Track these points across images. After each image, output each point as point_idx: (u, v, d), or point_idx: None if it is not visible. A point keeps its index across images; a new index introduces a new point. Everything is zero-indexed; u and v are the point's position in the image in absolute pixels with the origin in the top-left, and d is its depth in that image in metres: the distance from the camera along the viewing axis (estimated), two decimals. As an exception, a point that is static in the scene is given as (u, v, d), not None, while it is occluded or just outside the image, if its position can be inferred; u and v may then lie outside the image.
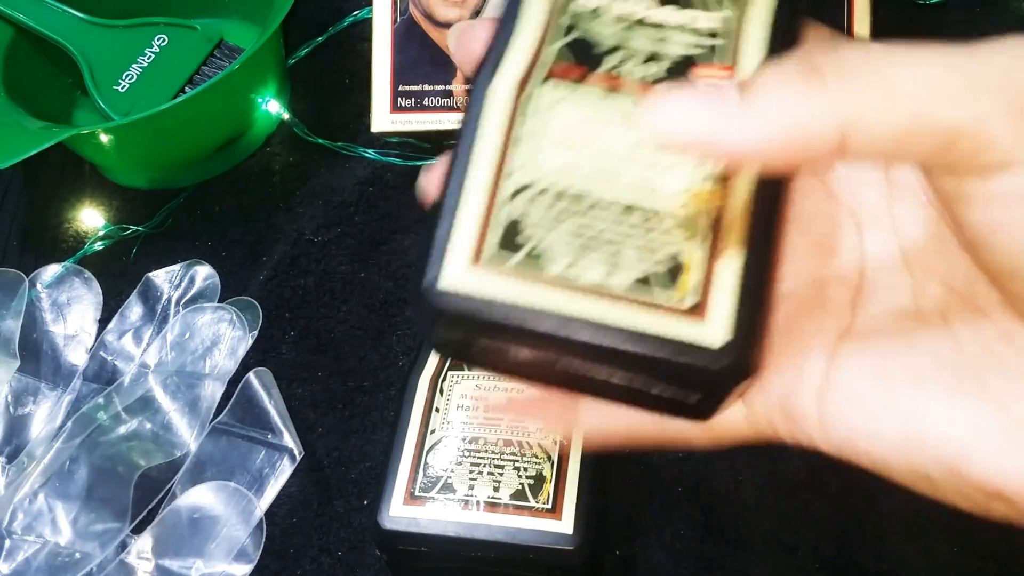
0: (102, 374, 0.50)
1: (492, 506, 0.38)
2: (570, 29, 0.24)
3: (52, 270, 0.53)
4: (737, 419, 0.24)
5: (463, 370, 0.41)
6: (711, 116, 0.19)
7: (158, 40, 0.56)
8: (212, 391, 0.48)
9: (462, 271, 0.22)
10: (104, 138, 0.50)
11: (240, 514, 0.44)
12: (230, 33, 0.57)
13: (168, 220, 0.54)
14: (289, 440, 0.46)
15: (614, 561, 0.42)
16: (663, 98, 0.20)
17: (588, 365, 0.23)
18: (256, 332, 0.49)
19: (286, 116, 0.55)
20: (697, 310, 0.22)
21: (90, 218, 0.55)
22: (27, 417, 0.49)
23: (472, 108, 0.24)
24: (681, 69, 0.23)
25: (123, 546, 0.44)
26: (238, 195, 0.55)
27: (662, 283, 0.22)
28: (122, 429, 0.47)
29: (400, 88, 0.46)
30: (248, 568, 0.43)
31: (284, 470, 0.46)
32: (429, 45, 0.46)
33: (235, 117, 0.53)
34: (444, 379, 0.41)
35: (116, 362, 0.50)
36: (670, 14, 0.24)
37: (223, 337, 0.49)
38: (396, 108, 0.46)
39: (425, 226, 0.23)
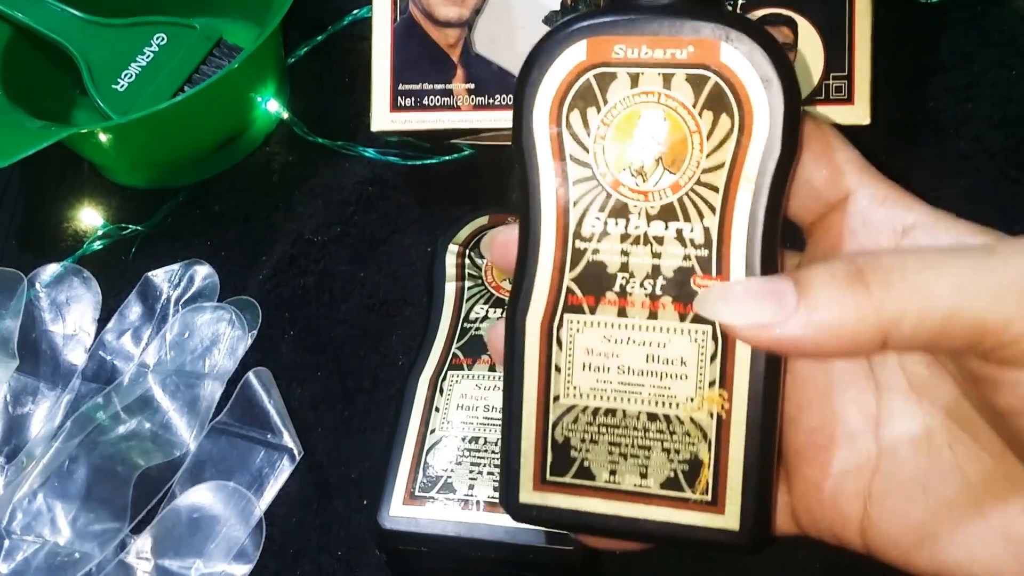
0: (101, 373, 0.49)
1: (492, 506, 0.38)
2: (579, 256, 0.28)
3: (51, 269, 0.53)
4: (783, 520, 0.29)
5: (463, 369, 0.41)
6: (773, 310, 0.24)
7: (157, 39, 0.56)
8: (211, 391, 0.47)
9: (531, 491, 0.28)
10: (102, 137, 0.50)
11: (239, 514, 0.44)
12: (229, 32, 0.57)
13: (167, 219, 0.54)
14: (289, 440, 0.46)
15: (615, 560, 0.42)
16: (733, 291, 0.25)
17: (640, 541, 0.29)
18: (255, 331, 0.49)
19: (285, 115, 0.54)
20: (715, 503, 0.27)
21: (89, 217, 0.55)
22: (26, 417, 0.49)
23: (513, 341, 0.28)
24: (681, 281, 0.27)
25: (122, 546, 0.44)
26: (237, 194, 0.55)
27: (686, 481, 0.28)
28: (121, 429, 0.47)
29: (400, 87, 0.46)
30: (247, 568, 0.43)
31: (284, 470, 0.46)
32: (429, 44, 0.46)
33: (234, 116, 0.53)
34: (444, 379, 0.41)
35: (115, 362, 0.50)
36: (661, 229, 0.27)
37: (222, 336, 0.49)
38: (396, 107, 0.46)
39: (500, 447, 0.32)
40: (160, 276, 0.52)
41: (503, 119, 0.45)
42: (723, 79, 0.26)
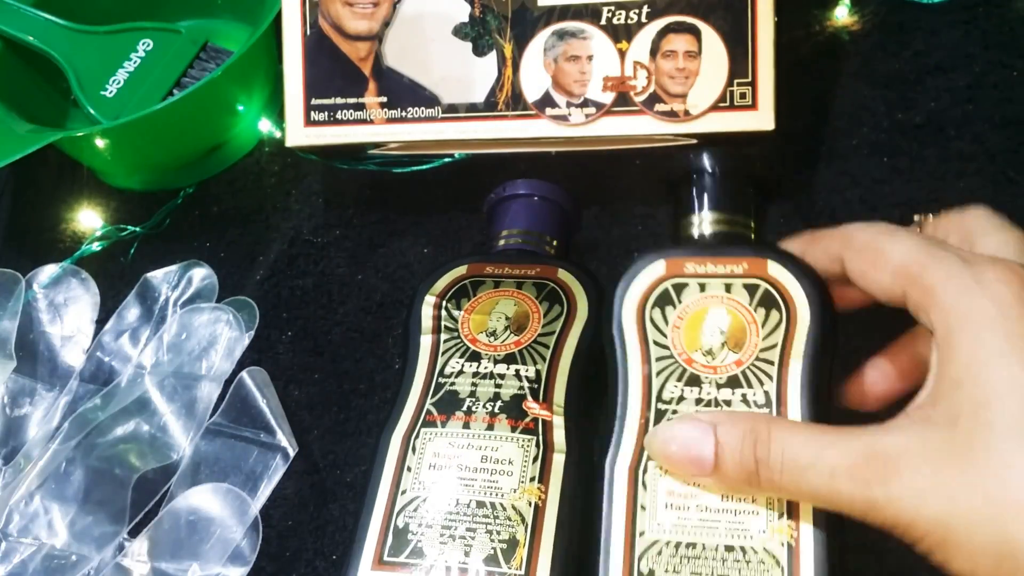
0: (99, 375, 0.49)
1: (463, 572, 0.35)
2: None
3: (49, 271, 0.53)
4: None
5: (437, 426, 0.39)
6: (696, 468, 0.32)
7: (143, 45, 0.56)
8: (208, 392, 0.47)
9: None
10: (93, 142, 0.50)
11: (235, 516, 0.44)
12: (220, 34, 0.57)
13: (166, 221, 0.54)
14: (282, 438, 0.46)
15: None
16: (670, 429, 0.33)
17: None
18: (253, 332, 0.49)
19: (278, 134, 0.54)
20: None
21: (87, 219, 0.55)
22: (24, 418, 0.49)
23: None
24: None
25: (119, 548, 0.44)
26: (236, 196, 0.55)
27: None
28: (119, 430, 0.47)
29: (313, 102, 0.46)
30: (244, 570, 0.43)
31: (277, 469, 0.45)
32: (340, 58, 0.46)
33: (225, 119, 0.53)
34: (417, 436, 0.39)
35: (113, 363, 0.50)
36: (729, 394, 0.34)
37: (220, 338, 0.49)
38: (309, 122, 0.46)
39: None
40: (158, 277, 0.52)
41: (416, 132, 0.46)
42: (771, 284, 0.36)
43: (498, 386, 0.38)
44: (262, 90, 0.54)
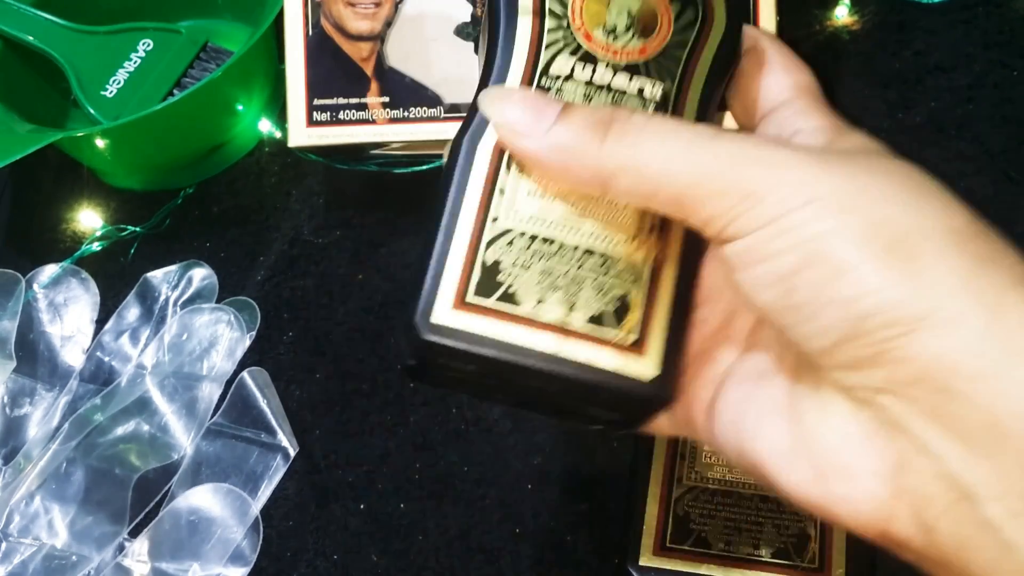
0: (99, 375, 0.49)
1: (563, 331, 0.28)
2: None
3: (49, 271, 0.53)
4: (662, 422, 0.29)
5: None
6: (530, 122, 0.26)
7: (143, 45, 0.56)
8: (210, 392, 0.47)
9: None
10: (93, 142, 0.50)
11: (236, 516, 0.44)
12: (221, 34, 0.57)
13: (166, 220, 0.54)
14: (283, 438, 0.46)
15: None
16: (511, 95, 0.27)
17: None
18: (254, 333, 0.49)
19: (278, 134, 0.54)
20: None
21: (87, 219, 0.55)
22: (24, 418, 0.49)
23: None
24: None
25: (120, 549, 0.44)
26: (236, 195, 0.55)
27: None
28: (119, 431, 0.47)
29: (315, 102, 0.46)
30: (245, 570, 0.43)
31: (278, 469, 0.45)
32: (342, 58, 0.46)
33: (225, 119, 0.53)
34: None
35: (113, 363, 0.50)
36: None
37: (221, 338, 0.49)
38: (312, 122, 0.46)
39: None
40: (158, 277, 0.52)
41: (418, 132, 0.45)
42: None
43: (615, 104, 0.29)
44: (262, 90, 0.54)
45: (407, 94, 0.46)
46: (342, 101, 0.46)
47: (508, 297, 0.27)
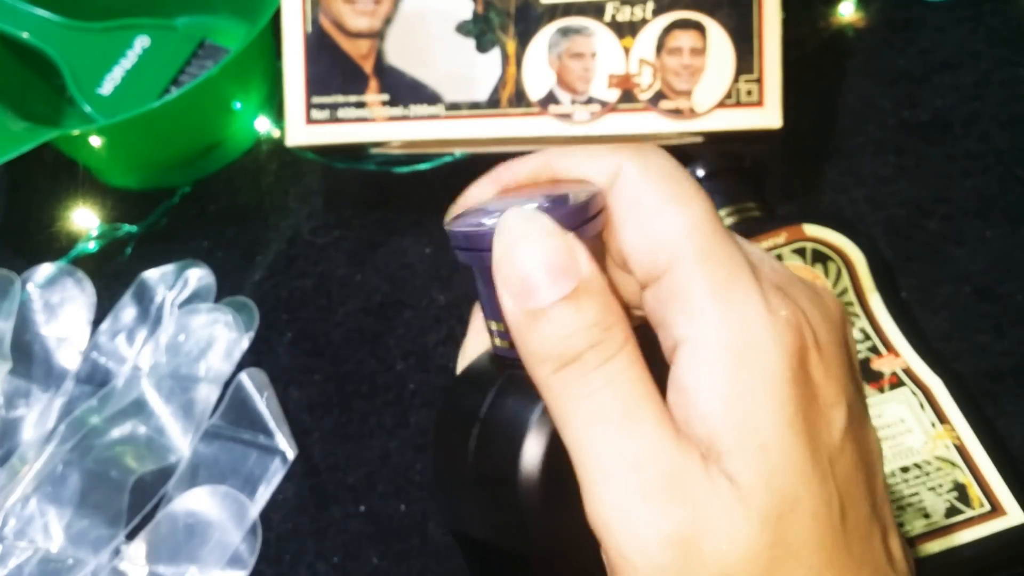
0: (95, 376, 0.49)
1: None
2: None
3: (45, 270, 0.52)
4: None
5: None
6: (529, 286, 0.23)
7: (139, 42, 0.55)
8: (207, 394, 0.47)
9: None
10: (88, 140, 0.50)
11: (234, 519, 0.43)
12: (217, 30, 0.57)
13: (162, 220, 0.54)
14: (281, 441, 0.45)
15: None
16: (530, 240, 0.23)
17: None
18: (252, 333, 0.49)
19: (276, 133, 0.54)
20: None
21: (83, 218, 0.54)
22: (19, 420, 0.48)
23: None
24: (863, 365, 0.38)
25: (116, 552, 0.44)
26: (233, 194, 0.54)
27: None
28: (116, 433, 0.46)
29: (313, 100, 0.46)
30: (243, 574, 0.43)
31: (277, 472, 0.45)
32: (341, 56, 0.45)
33: (222, 117, 0.53)
34: None
35: (109, 364, 0.49)
36: None
37: (218, 339, 0.48)
38: (310, 121, 0.46)
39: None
40: (155, 277, 0.51)
41: (418, 130, 0.45)
42: (815, 242, 0.38)
43: None
44: (260, 88, 0.54)
45: (407, 92, 0.45)
46: (341, 99, 0.45)
47: None
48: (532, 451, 0.24)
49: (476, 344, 0.30)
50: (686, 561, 0.21)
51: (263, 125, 0.55)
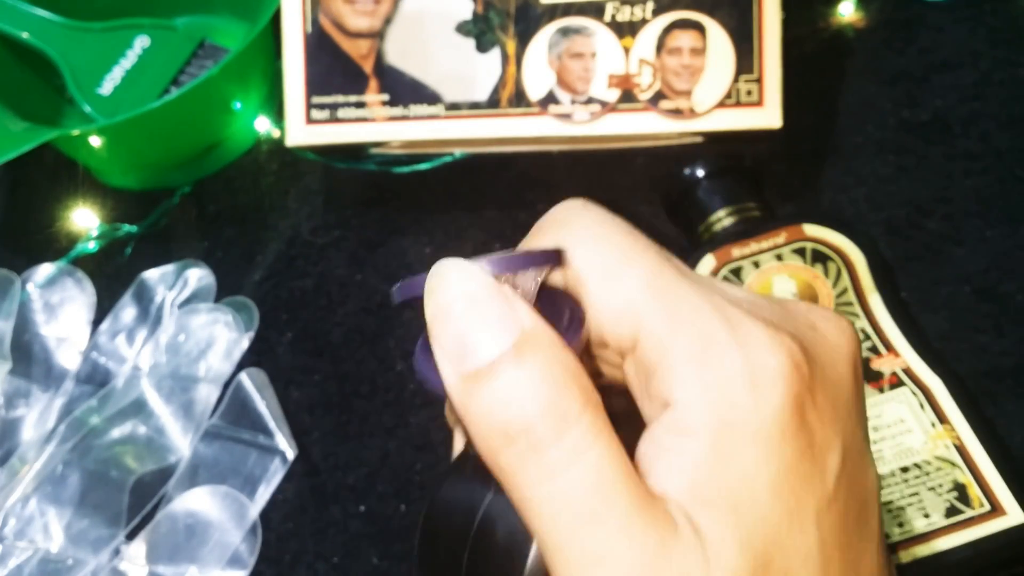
0: (95, 376, 0.49)
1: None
2: None
3: (44, 270, 0.52)
4: None
5: None
6: (457, 351, 0.21)
7: (139, 42, 0.55)
8: (207, 394, 0.47)
9: None
10: (88, 140, 0.50)
11: (234, 519, 0.43)
12: (218, 31, 0.57)
13: (162, 220, 0.54)
14: (281, 441, 0.45)
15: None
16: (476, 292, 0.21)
17: None
18: (252, 333, 0.49)
19: (276, 133, 0.54)
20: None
21: (83, 218, 0.54)
22: (19, 420, 0.48)
23: None
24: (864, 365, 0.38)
25: (116, 552, 0.44)
26: (233, 194, 0.54)
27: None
28: (115, 433, 0.46)
29: (313, 100, 0.46)
30: (243, 574, 0.43)
31: (277, 472, 0.45)
32: (341, 56, 0.45)
33: (222, 117, 0.53)
34: None
35: (109, 364, 0.49)
36: None
37: (218, 339, 0.48)
38: (310, 120, 0.46)
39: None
40: (155, 277, 0.51)
41: (417, 130, 0.45)
42: (815, 242, 0.39)
43: None
44: (260, 88, 0.54)
45: (407, 92, 0.45)
46: (341, 99, 0.45)
47: None
48: None
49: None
50: None
51: (263, 125, 0.55)
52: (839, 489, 0.21)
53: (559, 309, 0.22)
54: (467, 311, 0.20)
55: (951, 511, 0.35)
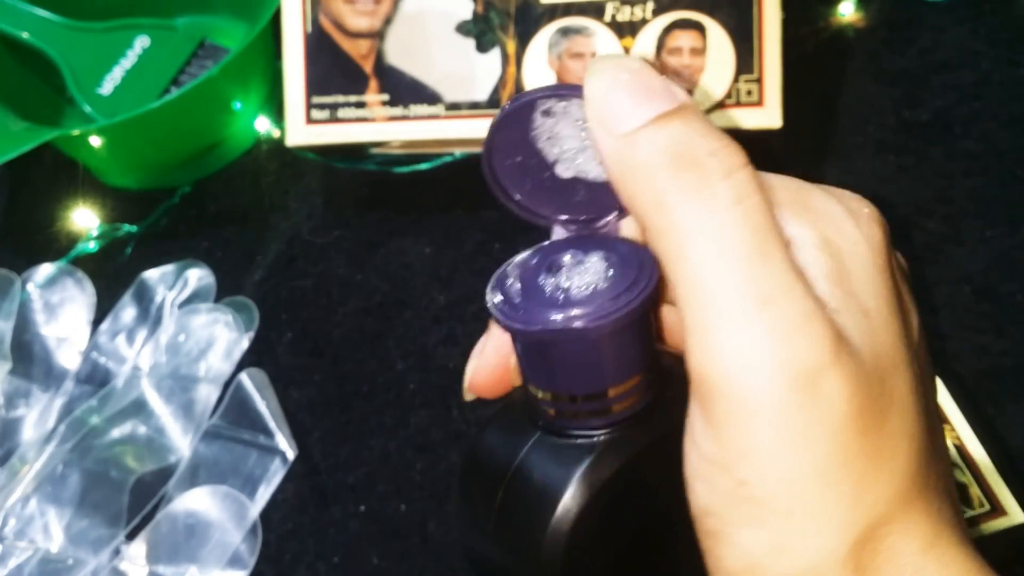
0: (95, 376, 0.49)
1: None
2: None
3: (45, 270, 0.52)
4: None
5: None
6: (617, 111, 0.21)
7: (139, 42, 0.55)
8: (207, 394, 0.47)
9: None
10: (88, 140, 0.50)
11: (234, 519, 0.43)
12: (218, 31, 0.57)
13: (162, 220, 0.54)
14: (281, 441, 0.45)
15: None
16: (617, 69, 0.22)
17: None
18: (252, 333, 0.49)
19: (276, 133, 0.54)
20: None
21: (83, 218, 0.54)
22: (19, 420, 0.48)
23: None
24: None
25: (116, 552, 0.44)
26: (233, 194, 0.54)
27: None
28: (115, 433, 0.46)
29: (313, 100, 0.46)
30: (244, 574, 0.43)
31: (277, 472, 0.45)
32: (341, 56, 0.45)
33: (222, 117, 0.53)
34: None
35: (109, 364, 0.49)
36: None
37: (218, 339, 0.48)
38: (311, 120, 0.46)
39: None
40: (155, 277, 0.51)
41: (417, 130, 0.45)
42: None
43: None
44: (259, 88, 0.54)
45: (407, 92, 0.45)
46: (341, 99, 0.45)
47: None
48: (558, 528, 0.23)
49: (492, 359, 0.28)
50: (813, 403, 0.20)
51: (263, 125, 0.55)
52: (920, 348, 0.22)
53: (633, 261, 0.23)
54: (637, 75, 0.21)
55: None
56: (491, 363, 0.27)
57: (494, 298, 0.24)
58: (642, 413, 0.24)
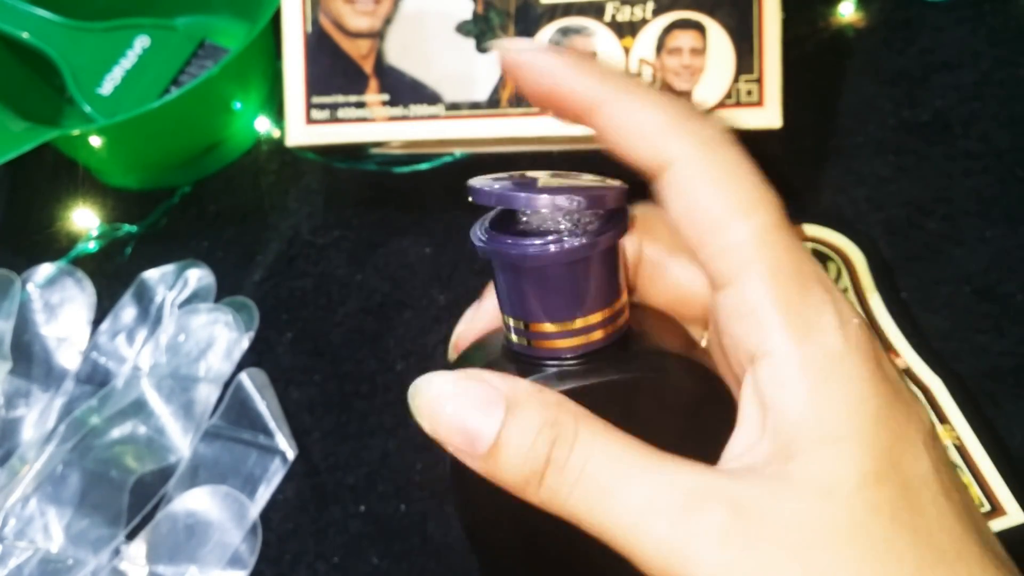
0: (95, 376, 0.49)
1: None
2: None
3: (45, 270, 0.52)
4: None
5: None
6: (463, 445, 0.24)
7: (139, 42, 0.55)
8: (207, 394, 0.47)
9: None
10: (88, 140, 0.50)
11: (234, 519, 0.43)
12: (218, 31, 0.57)
13: (162, 220, 0.54)
14: (281, 441, 0.45)
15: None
16: (448, 383, 0.25)
17: None
18: (252, 333, 0.49)
19: (276, 133, 0.54)
20: None
21: (83, 218, 0.54)
22: (19, 420, 0.48)
23: None
24: None
25: (116, 552, 0.44)
26: (233, 194, 0.54)
27: None
28: (116, 433, 0.46)
29: (313, 100, 0.46)
30: (244, 574, 0.43)
31: (277, 472, 0.45)
32: (341, 56, 0.45)
33: (222, 117, 0.53)
34: None
35: (109, 364, 0.49)
36: None
37: (218, 339, 0.48)
38: (311, 120, 0.46)
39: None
40: (155, 277, 0.51)
41: (418, 130, 0.45)
42: (815, 242, 0.39)
43: None
44: (260, 88, 0.54)
45: (407, 92, 0.45)
46: (341, 99, 0.45)
47: None
48: None
49: (478, 323, 0.30)
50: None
51: (263, 125, 0.55)
52: (935, 434, 0.23)
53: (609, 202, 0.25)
54: (458, 408, 0.24)
55: None
56: (477, 328, 0.30)
57: (476, 228, 0.26)
58: (614, 348, 0.26)
